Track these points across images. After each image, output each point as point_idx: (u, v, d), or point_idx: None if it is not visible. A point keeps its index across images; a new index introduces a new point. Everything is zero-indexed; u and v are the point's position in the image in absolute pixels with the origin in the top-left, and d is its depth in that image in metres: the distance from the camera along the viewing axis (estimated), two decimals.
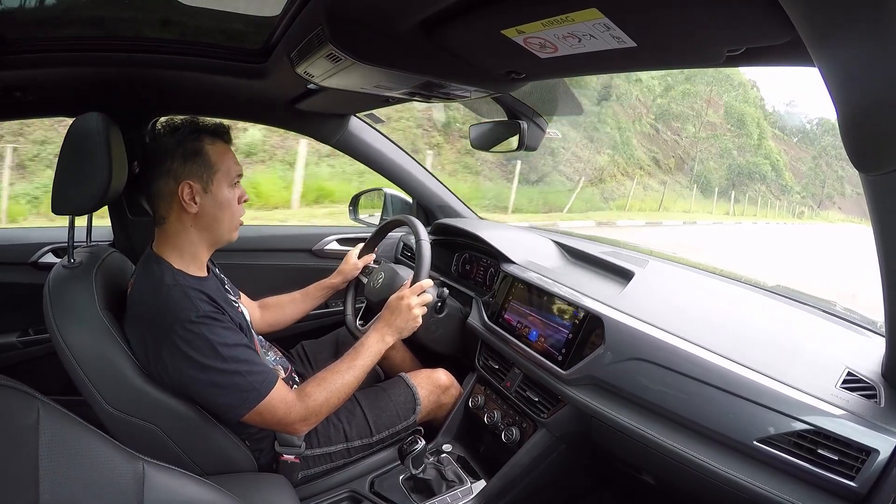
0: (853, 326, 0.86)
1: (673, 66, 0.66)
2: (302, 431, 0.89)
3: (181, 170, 0.83)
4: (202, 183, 0.84)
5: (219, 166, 0.86)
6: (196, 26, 0.92)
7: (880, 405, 0.66)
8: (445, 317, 1.27)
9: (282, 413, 0.83)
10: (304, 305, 1.27)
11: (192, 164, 0.84)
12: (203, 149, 0.85)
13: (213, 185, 0.85)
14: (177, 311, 0.77)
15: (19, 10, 0.81)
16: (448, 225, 1.49)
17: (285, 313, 1.25)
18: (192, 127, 0.87)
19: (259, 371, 0.82)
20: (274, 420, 0.84)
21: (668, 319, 0.89)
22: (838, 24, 0.34)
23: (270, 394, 0.81)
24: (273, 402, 0.82)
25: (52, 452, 0.45)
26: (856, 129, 0.40)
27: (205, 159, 0.84)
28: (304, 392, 0.87)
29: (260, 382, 0.81)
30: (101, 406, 0.78)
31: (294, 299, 1.27)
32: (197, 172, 0.84)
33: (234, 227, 0.91)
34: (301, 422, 0.86)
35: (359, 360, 0.94)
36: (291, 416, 0.84)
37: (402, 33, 0.70)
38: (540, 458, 1.02)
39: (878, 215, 0.49)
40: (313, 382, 0.90)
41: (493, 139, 1.26)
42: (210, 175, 0.85)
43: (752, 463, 0.70)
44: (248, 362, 0.81)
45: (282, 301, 1.26)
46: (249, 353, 0.83)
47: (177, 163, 0.83)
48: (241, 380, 0.79)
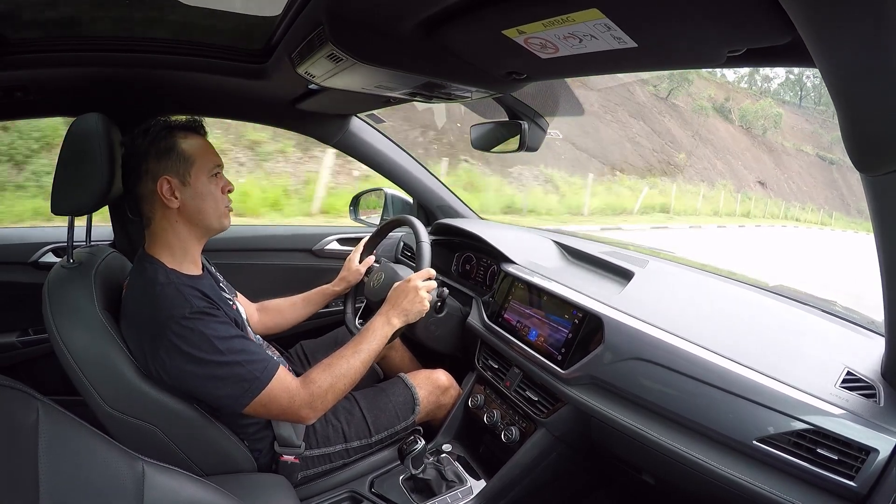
0: (853, 326, 0.86)
1: (674, 66, 0.66)
2: (309, 419, 0.86)
3: (157, 168, 0.83)
4: (179, 177, 0.84)
5: (194, 159, 0.85)
6: (197, 26, 0.92)
7: (880, 405, 0.66)
8: (445, 316, 1.27)
9: (286, 401, 0.82)
10: (304, 311, 1.26)
11: (167, 161, 0.83)
12: (176, 144, 0.85)
13: (191, 177, 0.85)
14: (171, 308, 0.77)
15: (20, 10, 0.81)
16: (448, 225, 1.49)
17: (285, 318, 1.24)
18: (163, 125, 0.86)
19: (259, 360, 0.81)
20: (279, 409, 0.82)
21: (667, 319, 0.89)
22: (838, 24, 0.34)
23: (272, 382, 0.80)
24: (275, 390, 0.81)
25: (52, 452, 0.45)
26: (856, 130, 0.40)
27: (179, 154, 0.84)
28: (309, 378, 0.86)
29: (261, 371, 0.80)
30: (101, 406, 0.77)
31: (294, 304, 1.26)
32: (173, 168, 0.84)
33: (221, 215, 0.89)
34: (307, 407, 0.84)
35: (364, 345, 0.92)
36: (296, 403, 0.83)
37: (404, 33, 0.70)
38: (540, 458, 1.02)
39: (878, 215, 0.49)
40: (318, 368, 0.88)
41: (494, 139, 1.26)
42: (186, 168, 0.85)
43: (752, 462, 0.70)
44: (247, 352, 0.80)
45: (281, 306, 1.25)
46: (247, 343, 0.82)
47: (151, 162, 0.83)
48: (241, 370, 0.79)
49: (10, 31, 0.81)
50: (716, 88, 33.73)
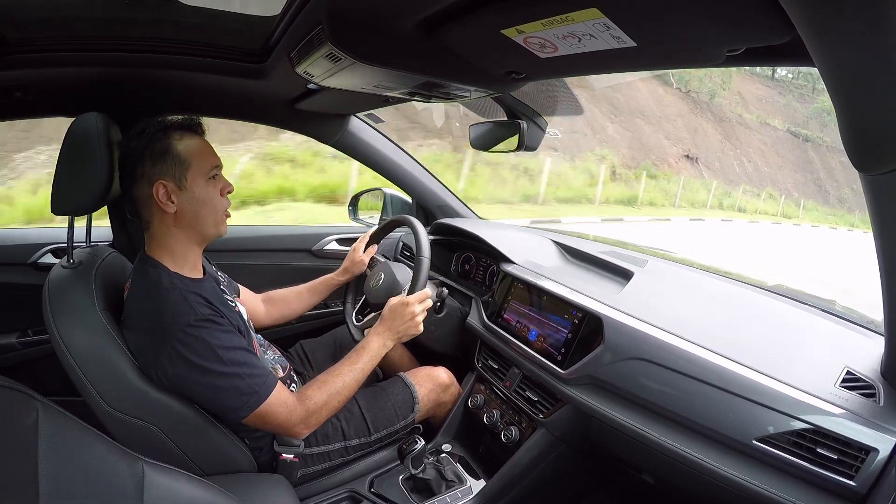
0: (853, 325, 0.86)
1: (673, 65, 0.66)
2: (302, 435, 0.89)
3: (152, 171, 0.81)
4: (175, 181, 0.82)
5: (190, 161, 0.83)
6: (196, 26, 0.92)
7: (879, 404, 0.66)
8: (445, 316, 1.27)
9: (283, 416, 0.84)
10: (309, 301, 1.27)
11: (162, 164, 0.82)
12: (171, 146, 0.82)
13: (188, 181, 0.83)
14: (175, 315, 0.77)
15: (20, 9, 0.81)
16: (448, 225, 1.49)
17: (291, 308, 1.25)
18: (159, 126, 0.84)
19: (259, 374, 0.82)
20: (276, 423, 0.84)
21: (667, 319, 0.89)
22: (838, 24, 0.34)
23: (270, 397, 0.82)
24: (273, 405, 0.82)
25: (51, 453, 0.45)
26: (856, 129, 0.40)
27: (175, 157, 0.82)
28: (305, 395, 0.88)
29: (260, 385, 0.81)
30: (101, 406, 0.77)
31: (300, 294, 1.27)
32: (168, 171, 0.82)
33: (218, 222, 0.88)
34: (301, 424, 0.86)
35: (359, 364, 0.94)
36: (293, 419, 0.85)
37: (402, 33, 0.69)
38: (539, 458, 1.02)
39: (878, 215, 0.49)
40: (314, 385, 0.90)
41: (493, 139, 1.26)
42: (182, 172, 0.83)
43: (752, 462, 0.70)
44: (248, 365, 0.81)
45: (287, 296, 1.26)
46: (249, 356, 0.83)
47: (147, 165, 0.81)
48: (241, 382, 0.80)
49: (10, 30, 0.81)
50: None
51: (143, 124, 0.85)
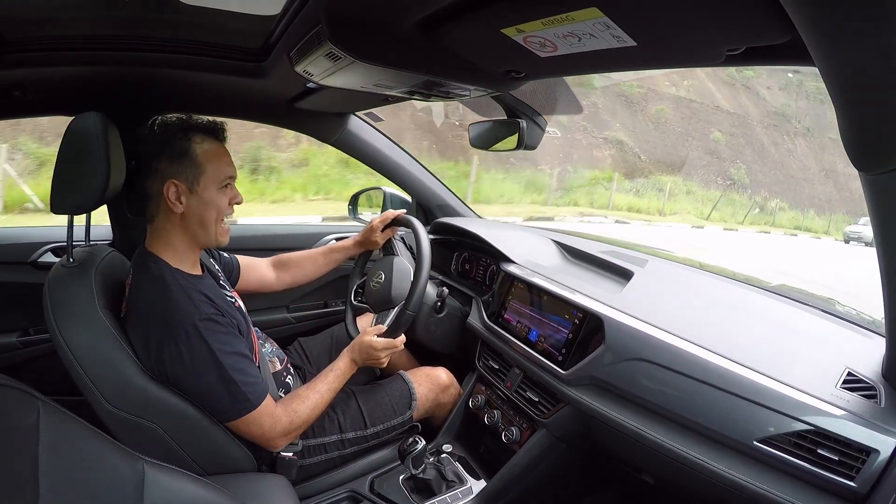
0: (853, 326, 0.85)
1: (673, 65, 0.66)
2: (279, 447, 0.90)
3: (167, 169, 0.82)
4: (188, 183, 0.83)
5: (206, 167, 0.84)
6: (195, 25, 0.92)
7: (880, 405, 0.66)
8: (445, 316, 1.27)
9: (268, 426, 0.85)
10: (324, 267, 1.25)
11: (178, 165, 0.82)
12: (190, 149, 0.83)
13: (200, 186, 0.84)
14: (180, 312, 0.79)
15: (19, 9, 0.81)
16: (448, 224, 1.49)
17: (304, 272, 1.24)
18: (182, 125, 0.85)
19: (252, 382, 0.83)
20: (259, 432, 0.85)
21: (667, 319, 0.88)
22: (838, 24, 0.33)
23: (260, 406, 0.83)
24: (260, 415, 0.84)
25: (52, 452, 0.45)
26: (856, 129, 0.40)
27: (192, 160, 0.83)
28: (290, 408, 0.90)
29: (252, 393, 0.83)
30: (102, 405, 0.78)
31: (314, 259, 1.24)
32: (183, 173, 0.82)
33: (221, 232, 0.89)
34: (282, 436, 0.88)
35: (335, 383, 0.98)
36: (276, 430, 0.86)
37: (402, 32, 0.69)
38: (540, 458, 1.02)
39: (878, 215, 0.49)
40: (297, 399, 0.92)
41: (493, 138, 1.26)
42: (196, 176, 0.83)
43: (752, 463, 0.70)
44: (244, 372, 0.83)
45: (301, 260, 1.24)
46: (246, 361, 0.84)
47: (164, 162, 0.82)
48: (235, 388, 0.81)
49: (9, 29, 0.81)
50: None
51: (165, 118, 0.85)
